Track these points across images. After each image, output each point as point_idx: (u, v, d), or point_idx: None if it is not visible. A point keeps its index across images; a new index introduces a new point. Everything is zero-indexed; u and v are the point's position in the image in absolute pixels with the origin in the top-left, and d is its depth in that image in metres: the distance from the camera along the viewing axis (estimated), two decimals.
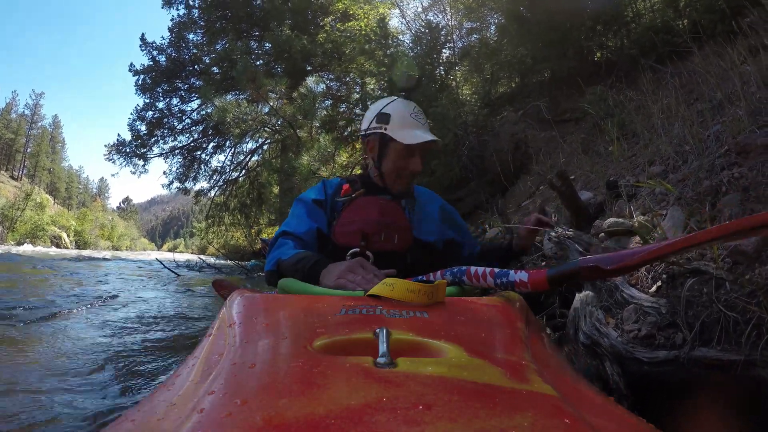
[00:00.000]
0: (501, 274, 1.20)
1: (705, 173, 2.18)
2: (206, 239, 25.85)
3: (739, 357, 1.17)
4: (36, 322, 3.67)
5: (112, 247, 71.83)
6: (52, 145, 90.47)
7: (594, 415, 0.55)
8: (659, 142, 3.09)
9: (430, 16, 10.42)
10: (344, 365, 0.61)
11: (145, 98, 20.00)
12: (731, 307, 1.28)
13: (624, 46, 6.62)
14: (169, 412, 0.57)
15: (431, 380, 0.57)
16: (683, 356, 1.27)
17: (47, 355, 2.74)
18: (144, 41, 19.79)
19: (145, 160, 19.93)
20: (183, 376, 0.72)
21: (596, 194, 3.13)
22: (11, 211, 46.48)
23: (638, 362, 1.36)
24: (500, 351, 0.77)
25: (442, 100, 7.10)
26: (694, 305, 1.38)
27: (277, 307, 0.98)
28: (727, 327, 1.26)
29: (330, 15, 17.16)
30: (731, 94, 2.96)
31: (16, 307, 4.38)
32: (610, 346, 1.44)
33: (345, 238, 1.74)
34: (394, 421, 0.45)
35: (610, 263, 0.98)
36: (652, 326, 1.45)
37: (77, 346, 2.98)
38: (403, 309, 0.90)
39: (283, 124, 12.64)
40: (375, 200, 1.84)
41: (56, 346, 2.95)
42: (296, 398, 0.51)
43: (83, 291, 6.52)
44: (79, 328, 3.56)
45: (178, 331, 3.84)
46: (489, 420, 0.46)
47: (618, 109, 4.68)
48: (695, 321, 1.32)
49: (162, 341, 3.37)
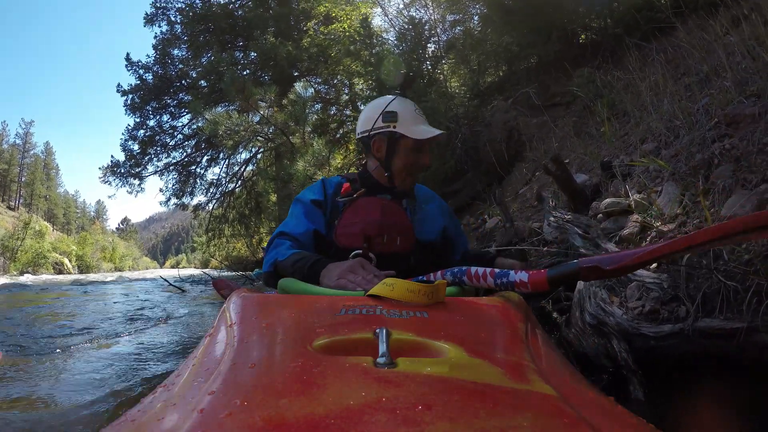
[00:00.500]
0: (501, 274, 1.21)
1: (697, 147, 2.20)
2: (208, 253, 25.78)
3: (742, 324, 1.20)
4: (44, 345, 3.69)
5: (114, 268, 71.71)
6: (46, 172, 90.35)
7: (594, 415, 0.55)
8: (650, 119, 3.11)
9: (412, 12, 10.44)
10: (344, 365, 0.61)
11: (135, 117, 19.97)
12: (731, 277, 1.30)
13: (608, 26, 6.62)
14: (169, 412, 0.57)
15: (431, 380, 0.57)
16: (687, 328, 1.30)
17: (45, 355, 2.73)
18: (129, 61, 19.74)
19: (141, 179, 19.89)
20: (183, 376, 0.72)
21: (591, 176, 3.15)
22: (11, 241, 46.31)
23: (644, 338, 1.39)
24: (500, 351, 0.78)
25: (431, 95, 7.12)
26: (694, 278, 1.40)
27: (277, 307, 0.98)
28: (728, 296, 1.29)
29: (312, 19, 17.11)
30: (717, 66, 2.98)
31: (20, 333, 4.42)
32: (616, 324, 1.47)
33: (347, 239, 1.72)
34: (394, 421, 0.45)
35: (610, 263, 0.99)
36: (656, 301, 1.48)
37: (76, 349, 2.98)
38: (403, 309, 0.91)
39: (276, 132, 12.64)
40: (377, 201, 1.83)
41: (56, 348, 2.95)
42: (296, 398, 0.51)
43: (87, 316, 6.54)
44: (81, 332, 3.55)
45: (180, 339, 3.87)
46: (489, 420, 0.47)
47: (607, 90, 4.70)
48: (697, 293, 1.35)
49: (165, 348, 3.38)
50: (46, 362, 3.53)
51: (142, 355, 3.56)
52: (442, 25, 9.90)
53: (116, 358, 3.40)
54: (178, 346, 3.91)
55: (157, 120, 20.19)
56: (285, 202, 12.11)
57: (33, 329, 5.22)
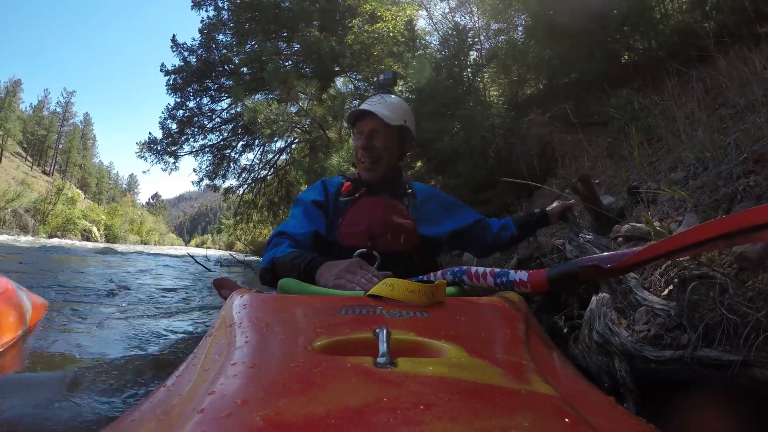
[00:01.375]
0: (501, 274, 1.22)
1: (723, 181, 2.23)
2: (234, 236, 26.06)
3: (737, 357, 1.27)
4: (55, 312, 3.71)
5: (141, 241, 72.80)
6: (83, 142, 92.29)
7: (594, 415, 0.55)
8: (681, 148, 3.13)
9: (457, 17, 10.46)
10: (344, 365, 0.61)
11: (176, 98, 20.27)
12: (733, 311, 1.37)
13: (651, 48, 6.59)
14: (169, 412, 0.57)
15: (431, 380, 0.57)
16: (687, 356, 1.37)
17: (44, 354, 2.69)
18: (175, 42, 20.04)
19: (176, 158, 20.18)
20: (183, 376, 0.72)
21: (618, 199, 3.19)
22: (43, 204, 47.38)
23: (645, 360, 1.47)
24: (500, 351, 0.78)
25: (469, 103, 7.14)
26: (700, 308, 1.48)
27: (277, 307, 0.99)
28: (728, 329, 1.35)
29: (358, 16, 17.19)
30: (753, 101, 2.98)
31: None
32: (620, 345, 1.55)
33: (351, 239, 1.75)
34: (394, 421, 0.45)
35: (610, 262, 0.99)
36: (661, 327, 1.55)
37: (76, 348, 2.87)
38: (403, 309, 0.91)
39: (313, 125, 12.77)
40: (379, 200, 1.87)
41: (55, 347, 2.85)
42: (296, 398, 0.51)
43: (115, 281, 6.70)
44: (96, 323, 3.54)
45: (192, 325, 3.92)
46: (489, 420, 0.47)
47: (643, 113, 4.70)
48: (700, 323, 1.42)
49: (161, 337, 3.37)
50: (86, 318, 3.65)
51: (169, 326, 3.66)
52: (485, 32, 9.89)
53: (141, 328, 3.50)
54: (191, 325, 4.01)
55: (196, 102, 20.48)
56: None
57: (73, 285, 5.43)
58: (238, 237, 24.92)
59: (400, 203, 1.90)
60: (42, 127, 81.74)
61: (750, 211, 0.75)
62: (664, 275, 1.82)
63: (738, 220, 0.77)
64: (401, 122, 1.91)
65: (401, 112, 1.93)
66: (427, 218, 1.93)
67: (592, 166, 5.01)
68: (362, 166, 1.93)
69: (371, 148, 1.88)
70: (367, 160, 1.90)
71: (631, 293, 1.78)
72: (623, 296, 1.82)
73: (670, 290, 1.72)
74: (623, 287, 1.86)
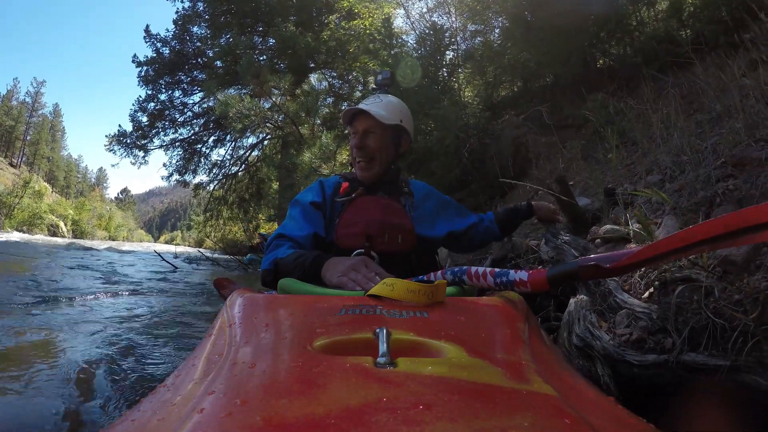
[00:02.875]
0: (501, 273, 1.21)
1: (701, 184, 2.22)
2: (204, 232, 25.84)
3: (725, 362, 1.22)
4: (32, 314, 3.67)
5: (109, 237, 71.60)
6: (52, 134, 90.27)
7: (594, 415, 0.54)
8: (657, 151, 3.13)
9: (434, 18, 10.47)
10: (344, 365, 0.61)
11: (147, 90, 20.05)
12: (719, 315, 1.32)
13: (627, 54, 6.65)
14: (169, 412, 0.57)
15: (431, 380, 0.57)
16: (672, 360, 1.32)
17: (44, 352, 2.70)
18: (148, 33, 19.78)
19: (146, 152, 19.97)
20: (183, 376, 0.72)
21: (594, 200, 3.17)
22: (9, 198, 46.30)
23: (628, 365, 1.41)
24: (500, 351, 0.77)
25: (444, 102, 7.13)
26: (684, 312, 1.42)
27: (277, 307, 0.98)
28: (714, 333, 1.30)
29: (335, 13, 17.16)
30: (730, 107, 3.00)
31: (16, 296, 4.41)
32: (602, 349, 1.49)
33: (348, 240, 1.72)
34: (394, 421, 0.45)
35: (610, 262, 0.99)
36: (643, 331, 1.50)
37: (76, 342, 2.93)
38: (403, 309, 0.90)
39: (285, 121, 12.66)
40: (376, 200, 1.84)
41: (54, 343, 2.90)
42: (296, 398, 0.50)
43: (85, 281, 6.55)
44: (79, 322, 3.55)
45: (175, 322, 3.87)
46: (489, 420, 0.46)
47: (618, 117, 4.72)
48: (684, 327, 1.37)
49: (160, 334, 3.38)
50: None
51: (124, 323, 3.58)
52: (462, 33, 9.93)
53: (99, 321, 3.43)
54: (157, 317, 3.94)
55: (168, 95, 20.31)
56: (287, 191, 12.13)
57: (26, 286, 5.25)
58: (208, 234, 24.66)
59: (398, 202, 1.88)
60: (10, 118, 79.45)
61: (752, 210, 0.75)
62: (644, 277, 1.77)
63: (739, 219, 0.76)
64: (397, 121, 1.88)
65: (397, 112, 1.91)
66: (424, 218, 1.91)
67: (566, 168, 5.02)
68: (358, 166, 1.90)
69: (365, 147, 1.85)
70: (361, 159, 1.87)
71: (610, 295, 1.73)
72: (602, 298, 1.77)
73: (650, 293, 1.67)
74: (602, 289, 1.81)
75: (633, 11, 6.84)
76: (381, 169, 1.90)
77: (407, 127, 1.94)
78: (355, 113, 1.88)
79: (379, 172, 1.90)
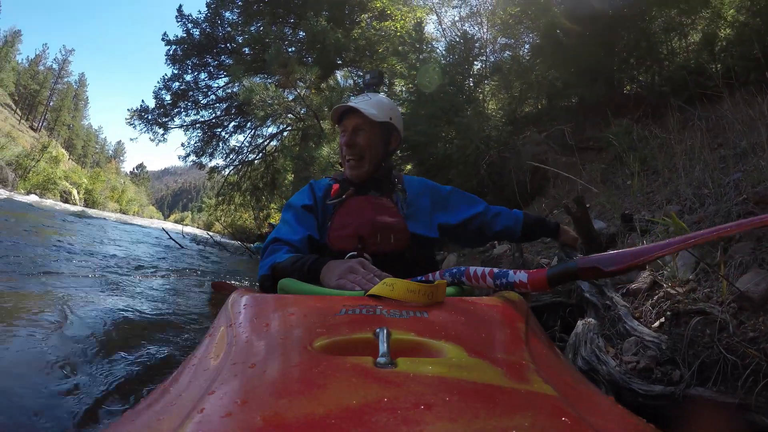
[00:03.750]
0: (500, 274, 1.21)
1: (721, 218, 2.20)
2: (214, 216, 25.87)
3: (734, 400, 1.20)
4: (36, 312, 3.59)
5: (120, 210, 71.99)
6: (75, 102, 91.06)
7: (594, 415, 0.54)
8: (679, 182, 3.11)
9: (466, 27, 10.45)
10: (344, 365, 0.60)
11: (174, 69, 20.17)
12: (732, 351, 1.30)
13: (655, 83, 6.62)
14: (169, 412, 0.56)
15: (431, 380, 0.56)
16: (679, 393, 1.29)
17: (44, 353, 2.68)
18: (181, 13, 19.88)
19: (166, 129, 20.09)
20: (183, 376, 0.72)
21: (610, 225, 3.15)
22: (26, 160, 46.69)
23: (633, 393, 1.39)
24: (500, 351, 0.77)
25: (467, 111, 7.12)
26: (695, 344, 1.41)
27: (277, 307, 0.97)
28: (725, 369, 1.28)
29: (367, 12, 17.20)
30: (756, 144, 2.97)
31: (18, 266, 4.41)
32: (607, 374, 1.47)
33: (340, 242, 1.71)
34: (394, 421, 0.45)
35: (609, 264, 0.99)
36: (651, 360, 1.48)
37: (76, 347, 2.87)
38: (403, 309, 0.90)
39: (308, 113, 12.68)
40: (367, 200, 1.83)
41: (55, 346, 2.84)
42: (296, 398, 0.50)
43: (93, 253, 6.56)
44: (80, 327, 3.48)
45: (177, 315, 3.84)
46: (489, 420, 0.46)
47: (641, 144, 4.69)
48: (695, 360, 1.35)
49: (161, 336, 3.33)
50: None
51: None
52: (492, 45, 9.92)
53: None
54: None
55: (194, 76, 20.42)
56: (301, 183, 12.11)
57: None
58: (218, 218, 24.70)
59: (389, 200, 1.84)
60: (36, 82, 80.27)
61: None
62: (656, 306, 1.76)
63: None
64: (386, 119, 1.87)
65: (387, 109, 1.90)
66: (418, 214, 1.87)
67: (584, 190, 4.98)
68: (347, 165, 1.88)
69: (354, 145, 1.85)
70: (351, 157, 1.86)
71: (620, 321, 1.72)
72: (611, 323, 1.76)
73: (661, 322, 1.65)
74: (612, 314, 1.79)
75: (665, 40, 6.80)
76: (371, 167, 1.88)
77: (397, 125, 1.93)
78: (345, 111, 1.88)
79: (369, 170, 1.88)
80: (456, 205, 2.01)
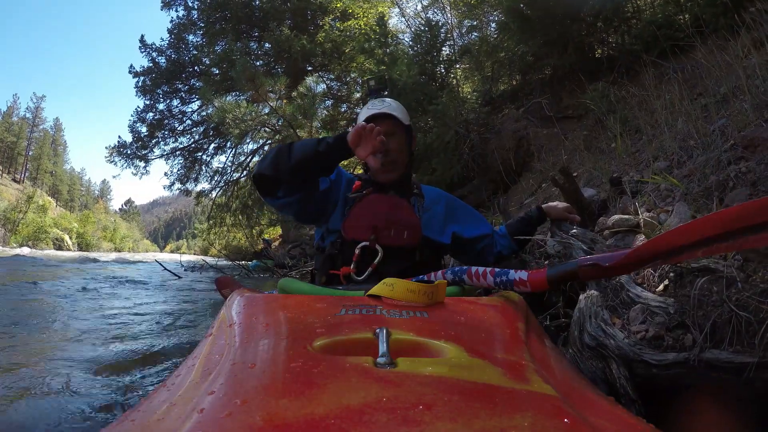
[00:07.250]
0: (501, 273, 1.20)
1: (711, 168, 2.14)
2: (208, 240, 25.82)
3: (753, 359, 1.12)
4: (37, 322, 3.66)
5: (114, 249, 71.80)
6: (54, 148, 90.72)
7: (594, 415, 0.55)
8: (663, 137, 3.04)
9: (429, 14, 10.41)
10: (344, 365, 0.61)
11: (145, 100, 20.09)
12: (743, 307, 1.22)
13: (625, 42, 6.56)
14: (169, 412, 0.57)
15: (431, 380, 0.57)
16: (693, 358, 1.21)
17: (45, 354, 2.71)
18: (143, 43, 19.79)
19: (146, 162, 20.00)
20: (183, 376, 0.72)
21: (600, 191, 3.09)
22: (13, 213, 46.57)
23: (646, 365, 1.30)
24: (500, 351, 0.77)
25: (442, 98, 7.06)
26: (703, 305, 1.32)
27: (277, 307, 0.99)
28: (739, 328, 1.20)
29: (329, 14, 17.17)
30: (736, 88, 2.92)
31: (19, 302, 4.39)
32: (616, 348, 1.38)
33: (354, 232, 1.75)
34: (394, 421, 0.45)
35: (609, 261, 0.98)
36: (660, 327, 1.40)
37: (77, 347, 2.95)
38: (403, 309, 0.91)
39: (283, 124, 12.61)
40: (385, 197, 1.86)
41: (56, 347, 2.92)
42: (296, 398, 0.50)
43: (86, 292, 6.52)
44: (81, 330, 3.53)
45: (176, 326, 3.83)
46: (489, 420, 0.47)
47: (620, 105, 4.63)
48: (705, 321, 1.27)
49: (161, 337, 3.36)
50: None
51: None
52: (458, 29, 9.90)
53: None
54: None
55: (166, 104, 20.39)
56: None
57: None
58: (212, 242, 24.63)
59: (407, 201, 1.90)
60: (11, 134, 79.71)
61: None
62: (658, 269, 1.67)
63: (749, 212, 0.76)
64: (408, 122, 1.95)
65: (405, 112, 1.96)
66: (433, 221, 1.93)
67: (569, 159, 4.93)
68: (381, 170, 1.90)
69: (389, 151, 1.86)
70: (386, 161, 1.88)
71: (622, 290, 1.63)
72: (614, 293, 1.67)
73: (665, 285, 1.57)
74: (613, 283, 1.71)
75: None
76: (402, 170, 1.93)
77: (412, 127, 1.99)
78: (374, 116, 1.87)
79: (401, 173, 1.93)
80: (468, 220, 2.08)
